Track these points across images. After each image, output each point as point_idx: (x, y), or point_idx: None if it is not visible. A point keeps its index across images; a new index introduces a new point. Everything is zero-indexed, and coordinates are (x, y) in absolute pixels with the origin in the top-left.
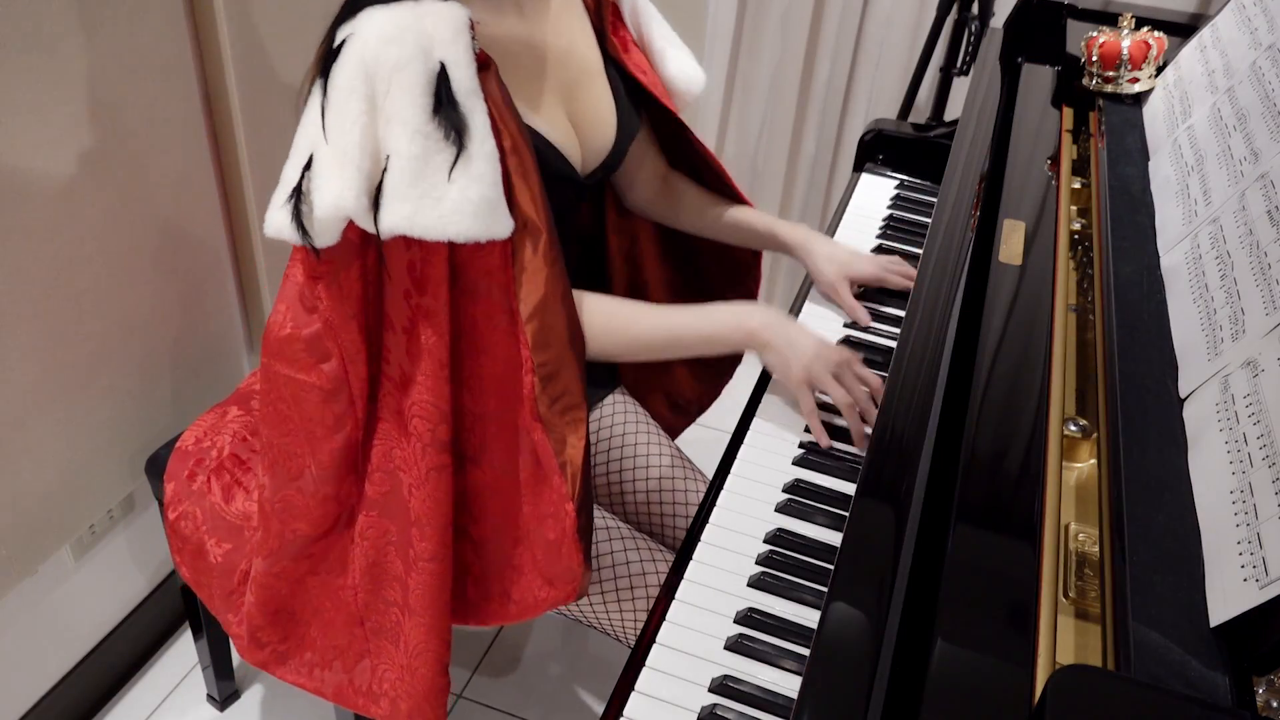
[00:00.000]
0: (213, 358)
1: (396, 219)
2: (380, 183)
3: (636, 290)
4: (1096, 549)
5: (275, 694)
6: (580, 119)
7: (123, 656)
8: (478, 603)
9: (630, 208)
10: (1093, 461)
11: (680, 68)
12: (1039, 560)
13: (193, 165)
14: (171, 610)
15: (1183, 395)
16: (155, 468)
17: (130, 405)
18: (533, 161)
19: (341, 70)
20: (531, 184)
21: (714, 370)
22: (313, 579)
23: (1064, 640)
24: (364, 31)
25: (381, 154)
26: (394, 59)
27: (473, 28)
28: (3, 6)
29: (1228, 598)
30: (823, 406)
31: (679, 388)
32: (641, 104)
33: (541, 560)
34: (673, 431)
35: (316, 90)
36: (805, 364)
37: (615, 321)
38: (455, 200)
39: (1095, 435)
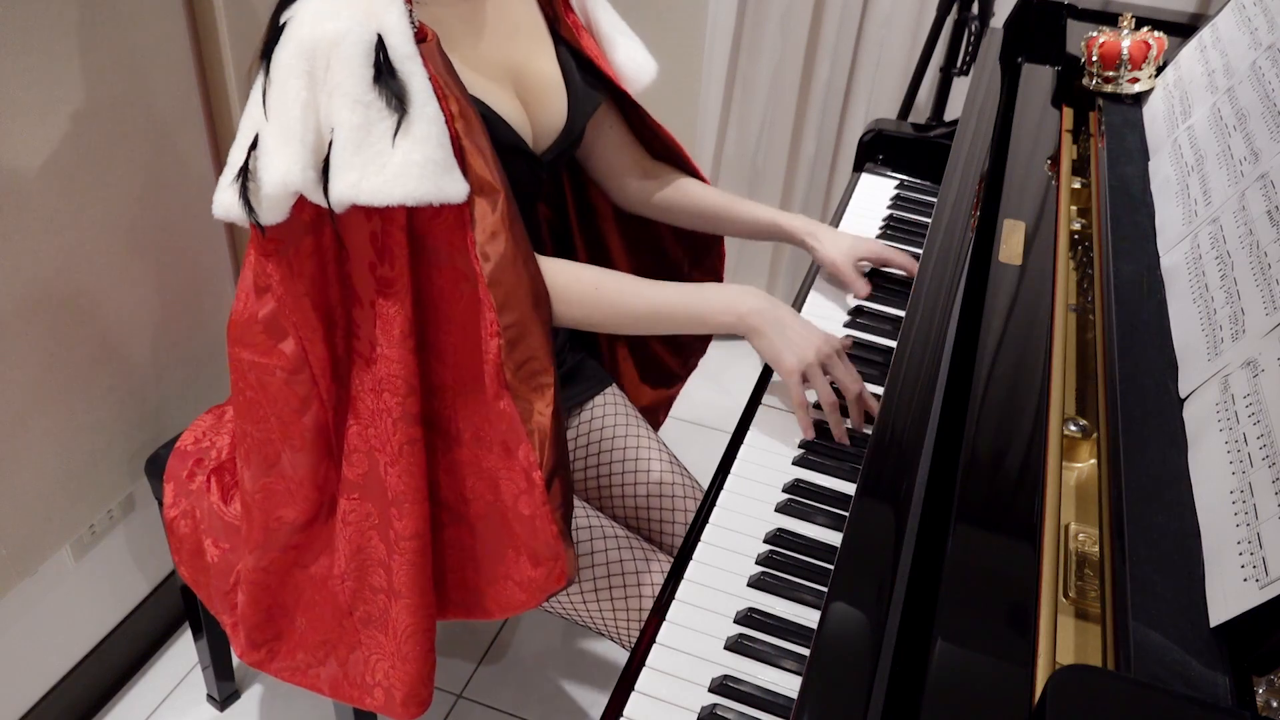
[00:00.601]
0: (213, 358)
1: (344, 187)
2: (327, 156)
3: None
4: (1096, 549)
5: (275, 694)
6: (529, 97)
7: (123, 656)
8: (483, 589)
9: (621, 204)
10: (1093, 461)
11: (629, 55)
12: (1039, 560)
13: (192, 165)
14: (171, 610)
15: (1183, 395)
16: (155, 468)
17: (130, 405)
18: (480, 125)
19: (282, 51)
20: (482, 146)
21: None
22: (300, 572)
23: (1064, 640)
24: (301, 13)
25: (325, 128)
26: (331, 34)
27: (409, 2)
28: (3, 7)
29: (1228, 598)
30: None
31: (659, 360)
32: (604, 92)
33: (524, 537)
34: (666, 401)
35: (259, 74)
36: (798, 353)
37: (603, 291)
38: (400, 163)
39: (1095, 435)
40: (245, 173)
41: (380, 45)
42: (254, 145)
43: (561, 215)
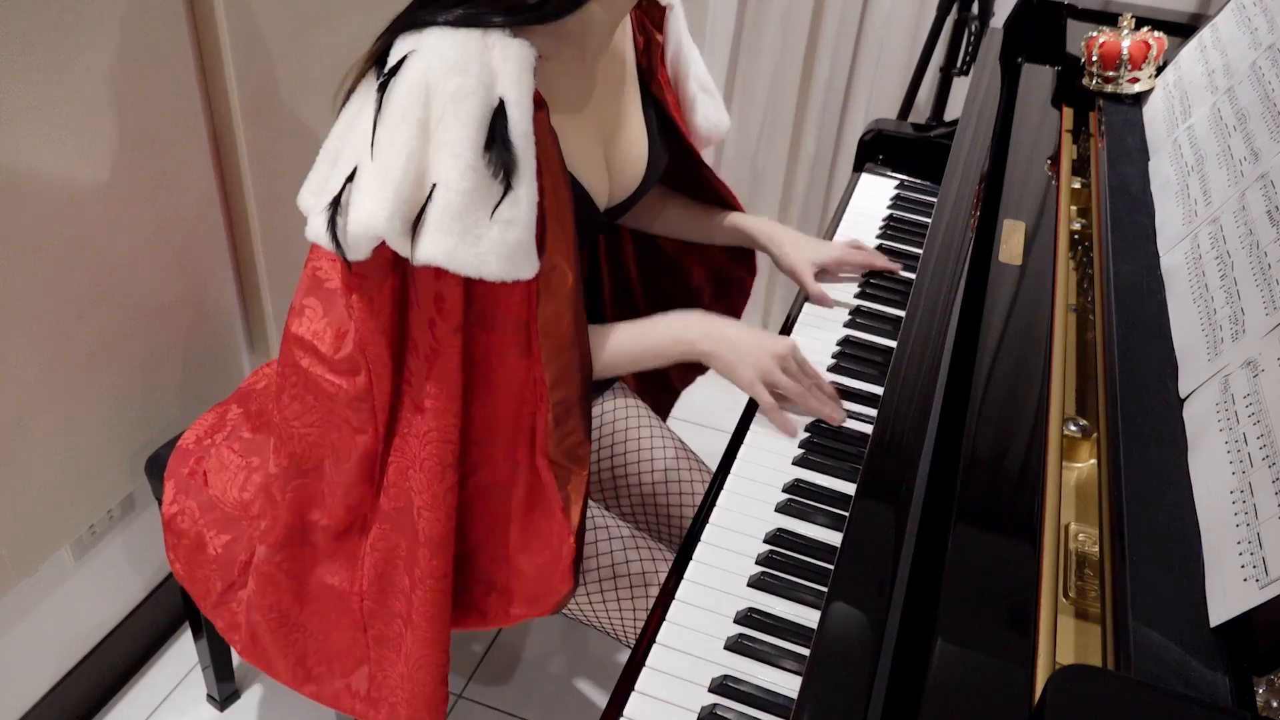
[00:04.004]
0: (213, 358)
1: (435, 251)
2: (423, 210)
3: (623, 301)
4: (1096, 549)
5: (275, 694)
6: (615, 159)
7: (123, 656)
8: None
9: None
10: (1093, 461)
11: (706, 116)
12: (1039, 560)
13: (193, 165)
14: (171, 610)
15: (1183, 395)
16: (155, 467)
17: (130, 405)
18: (570, 207)
19: (399, 87)
20: (566, 229)
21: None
22: (313, 577)
23: (1064, 640)
24: (429, 52)
25: (427, 181)
26: (455, 88)
27: (535, 67)
28: (3, 6)
29: (1228, 598)
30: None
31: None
32: (671, 153)
33: (529, 581)
34: (674, 394)
35: (370, 98)
36: (751, 363)
37: None
38: (494, 240)
39: (1095, 435)
40: (336, 205)
41: (500, 113)
42: (351, 176)
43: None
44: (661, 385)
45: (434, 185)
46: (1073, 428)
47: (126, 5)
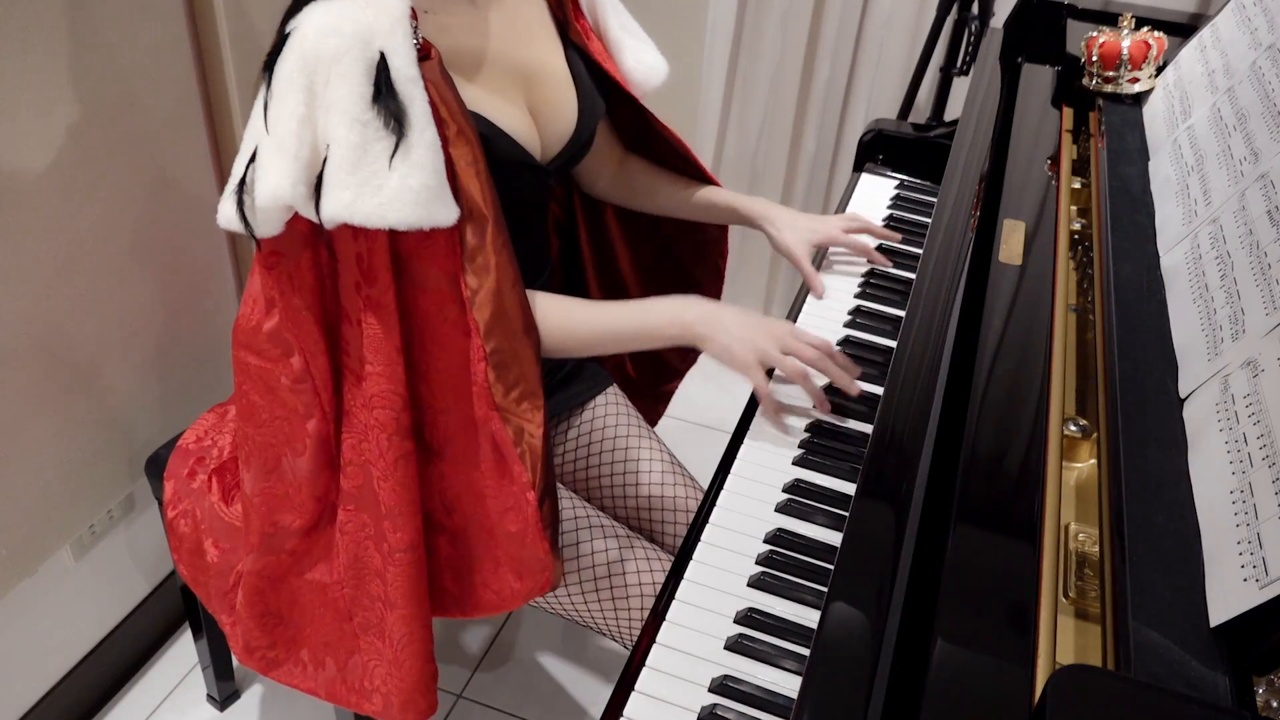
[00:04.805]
0: (213, 357)
1: (337, 207)
2: (321, 172)
3: (608, 273)
4: (1096, 549)
5: (275, 694)
6: (539, 106)
7: (123, 656)
8: (458, 594)
9: (589, 194)
10: (1093, 461)
11: (638, 59)
12: (1039, 560)
13: (193, 165)
14: (171, 610)
15: (1183, 395)
16: (155, 467)
17: (130, 405)
18: (479, 150)
19: (283, 63)
20: (479, 172)
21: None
22: (297, 578)
23: (1064, 640)
24: (305, 25)
25: (321, 144)
26: (332, 49)
27: (414, 17)
28: (2, 7)
29: (1228, 598)
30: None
31: (663, 355)
32: (605, 91)
33: (509, 553)
34: (666, 396)
35: (263, 85)
36: (748, 345)
37: (551, 318)
38: (395, 188)
39: (1095, 435)
40: (243, 185)
41: (382, 64)
42: (253, 158)
43: (569, 213)
44: (660, 368)
45: (328, 146)
46: (1073, 428)
47: (126, 5)
